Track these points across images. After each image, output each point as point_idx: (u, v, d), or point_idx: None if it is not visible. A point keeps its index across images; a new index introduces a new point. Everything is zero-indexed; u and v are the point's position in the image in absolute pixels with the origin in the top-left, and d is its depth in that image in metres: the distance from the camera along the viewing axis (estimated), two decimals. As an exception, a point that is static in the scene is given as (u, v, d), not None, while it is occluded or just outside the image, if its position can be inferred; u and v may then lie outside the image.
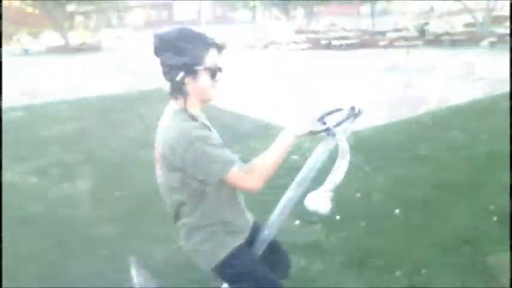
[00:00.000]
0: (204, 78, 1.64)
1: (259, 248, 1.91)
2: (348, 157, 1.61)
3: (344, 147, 1.65)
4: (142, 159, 5.20)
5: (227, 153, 1.61)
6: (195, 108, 1.67)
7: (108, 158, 5.46)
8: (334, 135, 1.71)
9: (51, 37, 25.34)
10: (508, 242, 2.83)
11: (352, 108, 1.77)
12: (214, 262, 1.75)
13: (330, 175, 1.57)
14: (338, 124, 1.72)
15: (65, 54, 20.75)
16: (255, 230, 1.92)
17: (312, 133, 1.73)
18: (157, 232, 3.43)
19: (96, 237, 3.44)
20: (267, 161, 1.64)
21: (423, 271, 2.76)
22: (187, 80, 1.62)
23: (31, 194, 4.40)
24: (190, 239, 1.76)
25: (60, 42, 23.64)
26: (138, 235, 3.45)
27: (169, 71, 1.63)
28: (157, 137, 1.71)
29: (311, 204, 1.52)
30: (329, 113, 1.80)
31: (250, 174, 1.60)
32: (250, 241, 1.86)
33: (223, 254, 1.74)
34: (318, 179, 1.69)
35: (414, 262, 2.85)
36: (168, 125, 1.64)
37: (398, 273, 2.74)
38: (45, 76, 13.04)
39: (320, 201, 1.52)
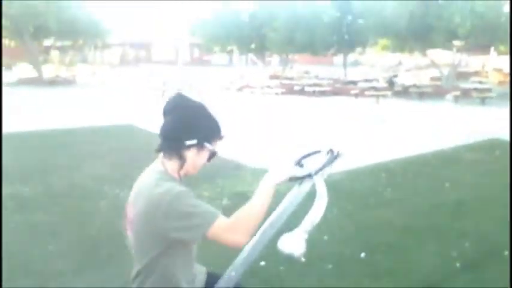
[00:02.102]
0: (204, 156, 1.67)
1: None
2: (325, 199, 1.59)
3: (322, 189, 1.62)
4: (107, 196, 5.05)
5: (210, 206, 1.58)
6: (178, 176, 1.67)
7: (69, 192, 5.26)
8: (311, 178, 1.69)
9: (24, 69, 25.01)
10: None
11: (331, 151, 1.75)
12: None
13: (307, 216, 1.53)
14: (320, 169, 1.70)
15: (37, 87, 20.46)
16: (211, 282, 1.84)
17: (293, 179, 1.70)
18: (111, 268, 3.30)
19: (48, 273, 3.27)
20: (251, 212, 1.58)
21: (387, 316, 2.71)
22: (192, 150, 1.63)
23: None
24: None
25: (33, 74, 23.37)
26: (93, 270, 3.30)
27: (180, 131, 1.62)
28: (134, 196, 1.65)
29: (285, 247, 1.46)
30: (306, 156, 1.79)
31: (235, 226, 1.54)
32: None
33: None
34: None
35: (378, 306, 2.81)
36: (153, 182, 1.59)
37: (362, 317, 2.69)
38: (10, 107, 12.73)
39: (295, 244, 1.47)
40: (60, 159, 6.86)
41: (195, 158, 1.64)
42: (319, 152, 1.78)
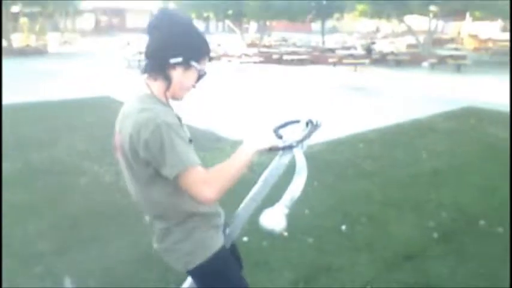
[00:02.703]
0: (192, 76, 1.58)
1: None
2: (305, 172, 1.56)
3: (301, 162, 1.59)
4: (86, 171, 4.99)
5: (192, 152, 1.50)
6: (165, 99, 1.58)
7: (48, 168, 5.18)
8: (291, 149, 1.66)
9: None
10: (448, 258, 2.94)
11: (311, 122, 1.72)
12: (193, 263, 1.62)
13: (287, 191, 1.52)
14: (301, 141, 1.66)
15: (7, 57, 19.71)
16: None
17: (273, 149, 1.66)
18: (93, 248, 3.30)
19: (29, 254, 3.25)
20: (227, 172, 1.51)
21: (368, 287, 2.81)
22: (178, 69, 1.53)
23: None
24: (166, 239, 1.62)
25: (3, 44, 22.45)
26: (74, 251, 3.30)
27: (164, 49, 1.52)
28: (119, 123, 1.57)
29: (267, 223, 1.46)
30: (285, 125, 1.76)
31: (209, 181, 1.46)
32: None
33: (205, 255, 1.62)
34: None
35: (360, 278, 2.90)
36: (137, 106, 1.50)
37: (344, 290, 2.78)
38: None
39: (276, 220, 1.46)
40: (37, 133, 6.70)
41: (181, 78, 1.55)
42: (297, 122, 1.75)
